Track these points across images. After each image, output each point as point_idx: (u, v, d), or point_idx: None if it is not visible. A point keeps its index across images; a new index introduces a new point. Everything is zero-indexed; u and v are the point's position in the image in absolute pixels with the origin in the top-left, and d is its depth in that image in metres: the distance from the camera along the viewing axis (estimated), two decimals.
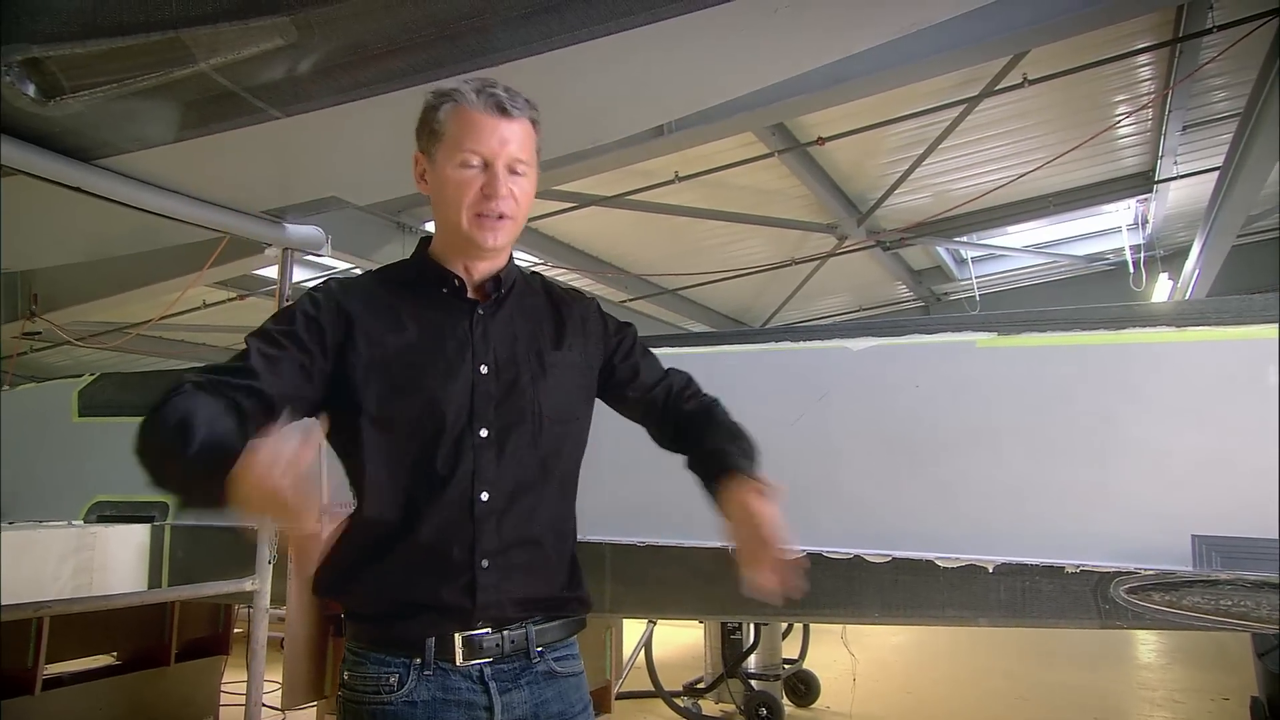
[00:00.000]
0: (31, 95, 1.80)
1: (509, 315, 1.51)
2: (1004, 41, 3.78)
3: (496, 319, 1.49)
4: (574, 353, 1.55)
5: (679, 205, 5.81)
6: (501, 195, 1.39)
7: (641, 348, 1.67)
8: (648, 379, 1.64)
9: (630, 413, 1.66)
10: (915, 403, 2.53)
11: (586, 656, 1.60)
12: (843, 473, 2.57)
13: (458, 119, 1.40)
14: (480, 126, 1.39)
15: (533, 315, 1.55)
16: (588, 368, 1.58)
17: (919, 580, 2.42)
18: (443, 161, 1.41)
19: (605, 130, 2.41)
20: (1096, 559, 2.33)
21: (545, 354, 1.51)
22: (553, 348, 1.52)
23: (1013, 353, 2.48)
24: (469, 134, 1.39)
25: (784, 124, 5.05)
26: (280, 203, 2.47)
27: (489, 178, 1.39)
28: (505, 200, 1.40)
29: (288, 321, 1.41)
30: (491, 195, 1.39)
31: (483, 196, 1.39)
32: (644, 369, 1.64)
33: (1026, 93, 4.70)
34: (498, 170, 1.39)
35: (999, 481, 2.44)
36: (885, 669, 6.10)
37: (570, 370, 1.54)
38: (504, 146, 1.40)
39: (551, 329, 1.55)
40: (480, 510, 1.40)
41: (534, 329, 1.53)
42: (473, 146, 1.38)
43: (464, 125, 1.39)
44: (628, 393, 1.63)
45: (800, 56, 2.04)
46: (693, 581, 2.61)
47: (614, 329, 1.65)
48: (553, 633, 1.49)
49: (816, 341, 2.68)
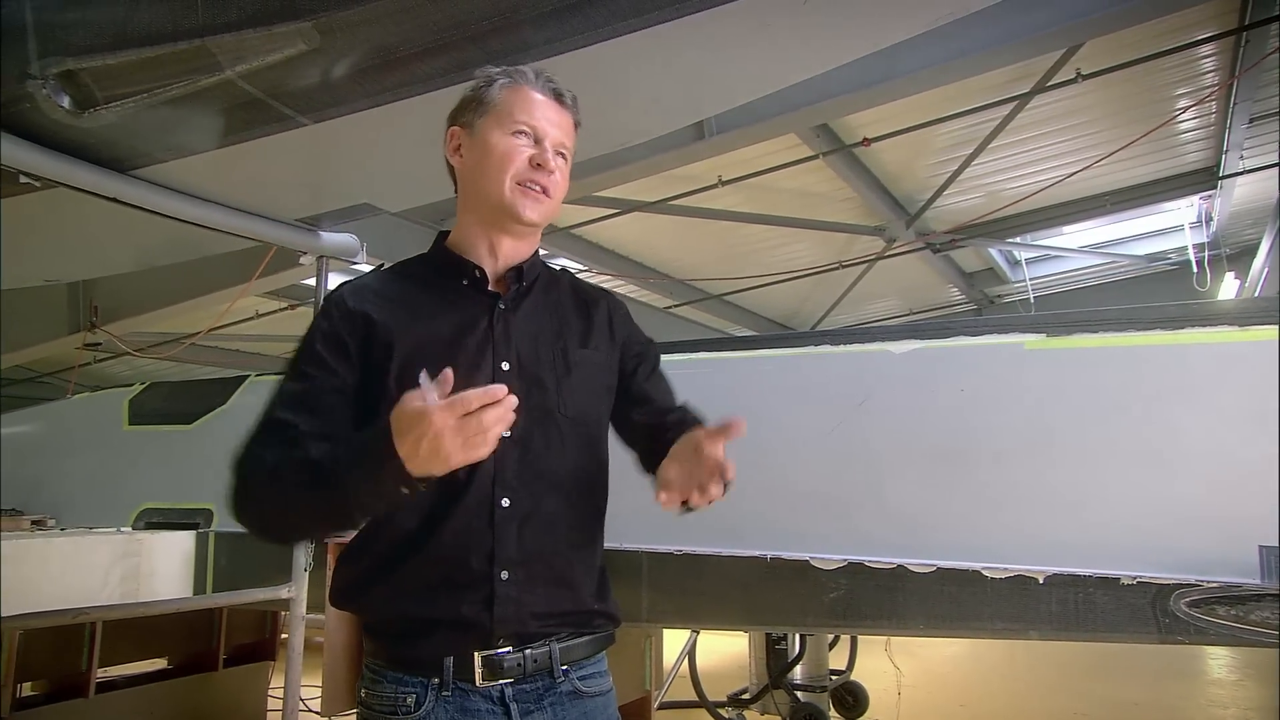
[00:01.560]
0: (67, 107, 1.82)
1: (533, 310, 1.46)
2: (1055, 35, 3.66)
3: (519, 314, 1.44)
4: (600, 352, 1.49)
5: (723, 210, 5.76)
6: (550, 169, 1.38)
7: (660, 371, 1.60)
8: (662, 404, 1.54)
9: (631, 436, 1.54)
10: (961, 408, 2.44)
11: (625, 665, 1.54)
12: (885, 480, 2.49)
13: (514, 93, 1.39)
14: (536, 104, 1.39)
15: (558, 311, 1.49)
16: (612, 370, 1.52)
17: (965, 591, 2.34)
18: (490, 129, 1.38)
19: (640, 129, 2.36)
20: (1155, 570, 2.22)
21: (570, 351, 1.45)
22: (579, 345, 1.46)
23: (1063, 355, 2.38)
24: (524, 108, 1.38)
25: (828, 125, 4.98)
26: (314, 210, 2.48)
27: (539, 150, 1.38)
28: (552, 176, 1.39)
29: (308, 348, 1.38)
30: (541, 165, 1.37)
31: (531, 166, 1.37)
32: (659, 393, 1.56)
33: (1080, 88, 4.57)
34: (548, 146, 1.38)
35: (1049, 489, 2.34)
36: (939, 680, 5.95)
37: (597, 369, 1.48)
38: (555, 128, 1.40)
39: (578, 326, 1.49)
40: (500, 517, 1.34)
41: (559, 325, 1.47)
42: (527, 120, 1.38)
43: (520, 99, 1.39)
44: (633, 414, 1.53)
45: (835, 49, 1.98)
46: (730, 591, 2.55)
47: (639, 340, 1.59)
48: (579, 650, 1.42)
49: (857, 344, 2.61)
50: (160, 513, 3.41)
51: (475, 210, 1.44)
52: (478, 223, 1.44)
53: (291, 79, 1.73)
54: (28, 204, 2.14)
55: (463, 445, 1.09)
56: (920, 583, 2.37)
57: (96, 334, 5.19)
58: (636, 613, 2.64)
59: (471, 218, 1.45)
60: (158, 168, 2.07)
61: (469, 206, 1.45)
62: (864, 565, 2.40)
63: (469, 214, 1.46)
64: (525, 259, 1.47)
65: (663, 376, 1.59)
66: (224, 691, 4.08)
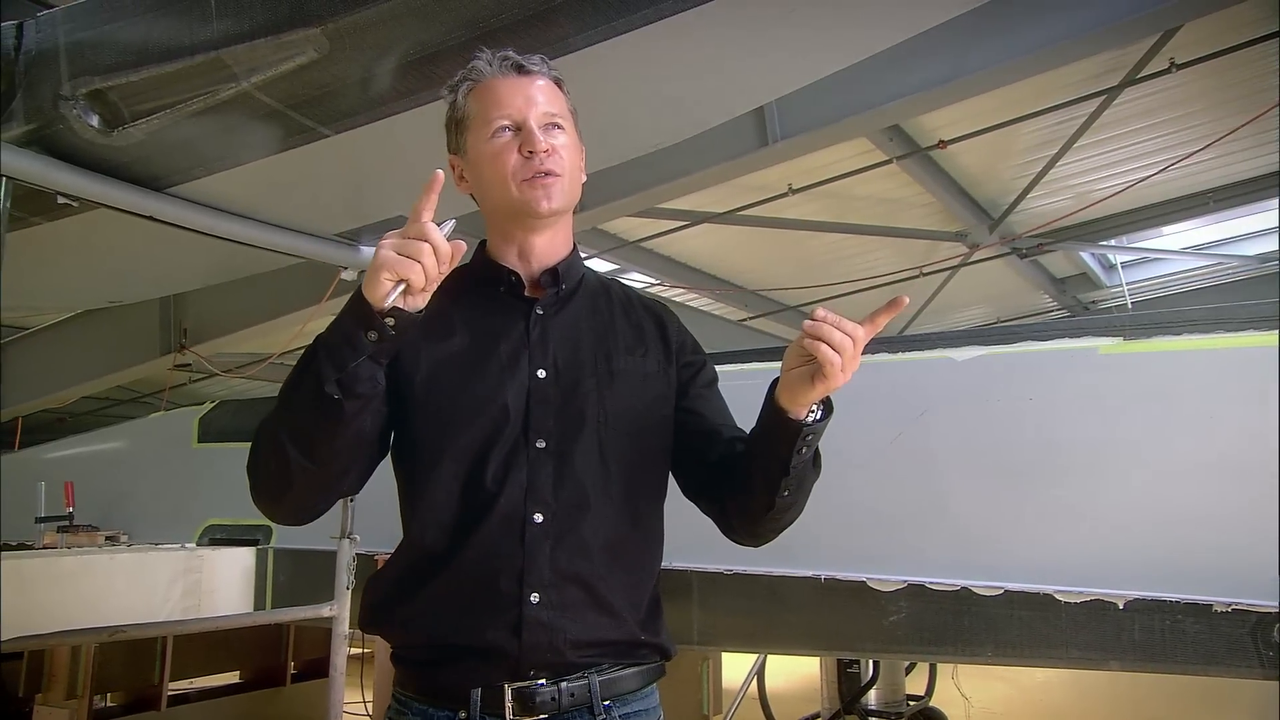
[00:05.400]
0: (96, 126, 1.85)
1: (574, 316, 1.37)
2: (1142, 21, 3.41)
3: (558, 319, 1.36)
4: (650, 360, 1.39)
5: (795, 219, 5.64)
6: (542, 149, 1.27)
7: (716, 389, 1.47)
8: (714, 421, 1.41)
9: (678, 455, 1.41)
10: (1029, 418, 2.27)
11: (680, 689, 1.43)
12: (948, 496, 2.33)
13: (478, 95, 1.31)
14: (501, 91, 1.30)
15: (602, 317, 1.40)
16: (665, 379, 1.40)
17: (1037, 616, 2.16)
18: (474, 143, 1.31)
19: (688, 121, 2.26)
20: (1253, 596, 2.01)
21: (615, 358, 1.35)
22: (625, 353, 1.36)
23: (1142, 359, 2.19)
24: (492, 103, 1.29)
25: (901, 128, 4.81)
26: (352, 224, 2.47)
27: (525, 136, 1.28)
28: (549, 156, 1.28)
29: None
30: (532, 151, 1.27)
31: (523, 158, 1.28)
32: (711, 410, 1.43)
33: (1175, 79, 4.30)
34: (531, 127, 1.28)
35: (1128, 506, 2.15)
36: (1032, 708, 5.63)
37: (645, 379, 1.37)
38: (531, 104, 1.29)
39: (625, 332, 1.39)
40: (531, 534, 1.24)
41: (603, 331, 1.38)
42: (499, 113, 1.28)
43: (485, 96, 1.30)
44: (685, 437, 1.40)
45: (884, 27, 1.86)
46: (784, 613, 2.42)
47: (691, 349, 1.46)
48: (623, 683, 1.30)
49: (916, 352, 2.46)
50: (223, 529, 3.47)
51: (496, 221, 1.38)
52: (502, 230, 1.38)
53: (305, 88, 1.71)
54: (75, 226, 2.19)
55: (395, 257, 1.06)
56: (987, 606, 2.21)
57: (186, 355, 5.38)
58: (687, 635, 2.53)
59: (495, 227, 1.39)
60: (192, 185, 2.09)
61: (491, 219, 1.40)
62: (925, 587, 2.25)
63: (492, 225, 1.40)
64: (561, 258, 1.39)
65: (718, 394, 1.47)
66: (291, 705, 4.13)
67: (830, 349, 1.10)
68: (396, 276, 1.06)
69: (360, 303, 1.09)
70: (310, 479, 1.20)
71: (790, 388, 1.16)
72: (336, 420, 1.14)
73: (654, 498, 1.39)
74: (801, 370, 1.14)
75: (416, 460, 1.30)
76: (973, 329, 5.80)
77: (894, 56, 3.35)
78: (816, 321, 1.11)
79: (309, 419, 1.16)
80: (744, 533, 1.38)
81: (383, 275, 1.06)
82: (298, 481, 1.20)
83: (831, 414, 1.21)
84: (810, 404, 1.18)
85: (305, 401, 1.14)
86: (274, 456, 1.19)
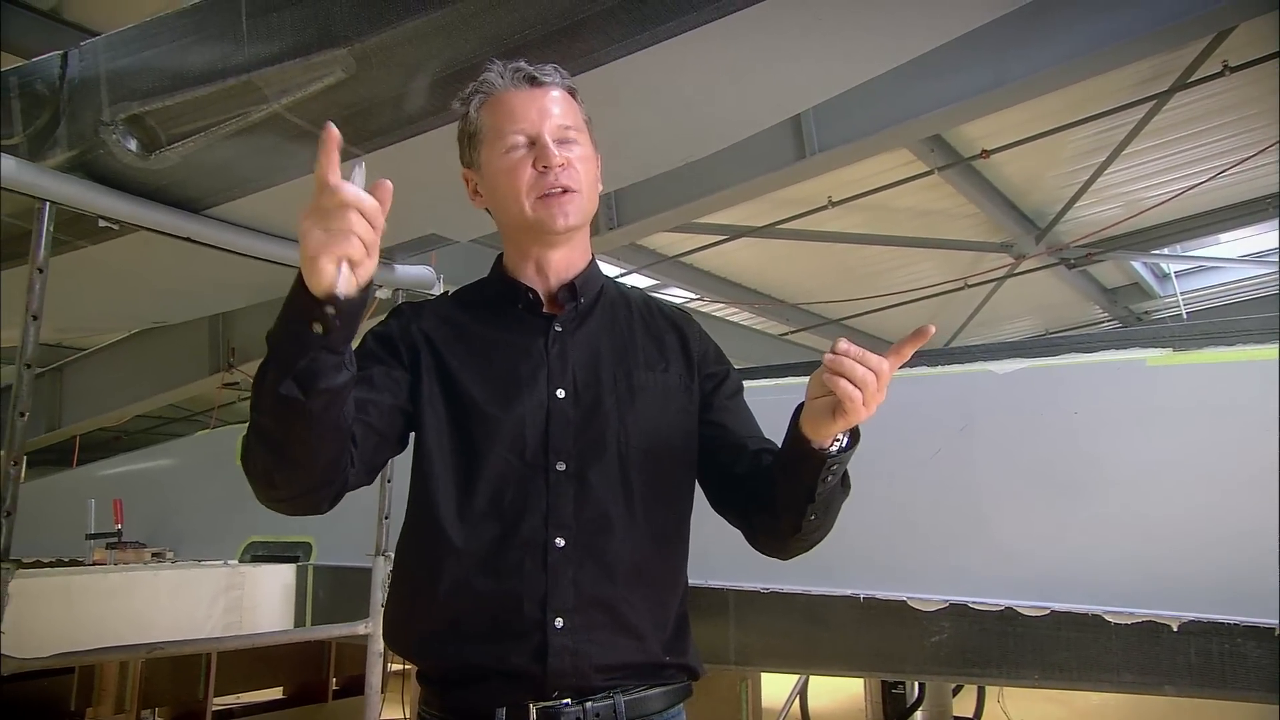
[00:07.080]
0: (134, 150, 1.88)
1: (593, 331, 1.36)
2: (1195, 23, 3.29)
3: (577, 336, 1.34)
4: (671, 373, 1.36)
5: (836, 231, 5.58)
6: (557, 164, 1.26)
7: (742, 400, 1.44)
8: (740, 433, 1.37)
9: (703, 469, 1.39)
10: (1074, 432, 2.19)
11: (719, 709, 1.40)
12: (990, 513, 2.26)
13: (490, 109, 1.30)
14: (514, 104, 1.28)
15: (622, 331, 1.37)
16: (688, 393, 1.37)
17: (1086, 637, 2.08)
18: (488, 158, 1.30)
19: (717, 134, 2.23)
20: None
21: (635, 374, 1.33)
22: (645, 368, 1.34)
23: (1193, 371, 2.10)
24: (505, 116, 1.28)
25: (942, 138, 4.74)
26: (385, 243, 2.48)
27: (539, 150, 1.26)
28: (564, 170, 1.27)
29: (361, 346, 1.33)
30: (547, 167, 1.26)
31: (538, 174, 1.26)
32: (736, 421, 1.40)
33: (1228, 82, 4.19)
34: (545, 141, 1.26)
35: (1180, 524, 2.06)
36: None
37: (667, 395, 1.35)
38: (545, 117, 1.28)
39: (646, 346, 1.37)
40: (554, 558, 1.23)
41: (623, 347, 1.35)
42: (513, 127, 1.27)
43: (498, 110, 1.29)
44: (710, 450, 1.37)
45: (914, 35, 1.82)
46: (822, 633, 2.36)
47: (714, 358, 1.44)
48: (650, 703, 1.28)
49: (956, 365, 2.39)
50: (265, 546, 3.51)
51: (512, 236, 1.38)
52: (518, 245, 1.37)
53: (333, 108, 1.73)
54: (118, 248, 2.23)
55: (324, 235, 0.97)
56: (1032, 627, 2.13)
57: (234, 374, 5.48)
58: (724, 655, 2.48)
59: (511, 242, 1.39)
60: (228, 206, 2.12)
61: (507, 234, 1.39)
62: (968, 607, 2.18)
63: (508, 239, 1.40)
64: (578, 272, 1.37)
65: (743, 404, 1.44)
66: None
67: (851, 385, 1.06)
68: (334, 257, 0.97)
69: (301, 295, 1.00)
70: (293, 476, 1.16)
71: (813, 418, 1.12)
72: (303, 418, 1.07)
73: (678, 515, 1.36)
74: (824, 401, 1.10)
75: (433, 482, 1.28)
76: (1014, 341, 5.69)
77: (933, 65, 3.31)
78: (838, 356, 1.06)
79: (273, 422, 1.11)
80: (771, 550, 1.36)
81: (320, 261, 0.97)
82: (281, 481, 1.17)
83: (858, 443, 1.18)
84: (834, 435, 1.14)
85: (268, 405, 1.09)
86: (258, 461, 1.16)
